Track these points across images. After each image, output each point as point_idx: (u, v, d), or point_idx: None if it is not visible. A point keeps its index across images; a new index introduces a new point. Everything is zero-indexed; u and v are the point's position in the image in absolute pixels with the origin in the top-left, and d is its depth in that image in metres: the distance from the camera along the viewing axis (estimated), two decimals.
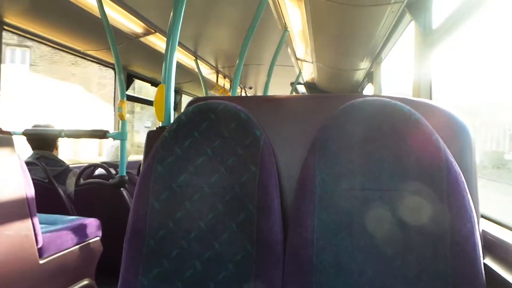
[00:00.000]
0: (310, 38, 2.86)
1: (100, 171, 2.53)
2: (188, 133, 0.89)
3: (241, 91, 5.70)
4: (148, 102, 4.13)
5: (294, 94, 4.78)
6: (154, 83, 4.00)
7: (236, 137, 0.87)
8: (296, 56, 3.70)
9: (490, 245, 0.84)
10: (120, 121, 2.30)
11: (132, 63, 3.44)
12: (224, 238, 0.83)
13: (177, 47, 1.38)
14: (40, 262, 1.43)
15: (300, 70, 4.29)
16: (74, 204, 2.25)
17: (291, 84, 4.74)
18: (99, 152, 10.16)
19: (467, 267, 0.72)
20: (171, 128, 0.90)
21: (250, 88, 5.74)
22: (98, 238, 1.83)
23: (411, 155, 0.77)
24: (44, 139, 2.36)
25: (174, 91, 1.37)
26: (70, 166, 2.42)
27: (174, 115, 1.31)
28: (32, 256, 1.39)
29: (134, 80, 3.69)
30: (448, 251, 0.72)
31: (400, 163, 0.78)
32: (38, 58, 10.98)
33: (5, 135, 1.26)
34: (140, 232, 0.85)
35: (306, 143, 0.86)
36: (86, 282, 1.71)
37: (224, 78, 4.60)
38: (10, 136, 1.28)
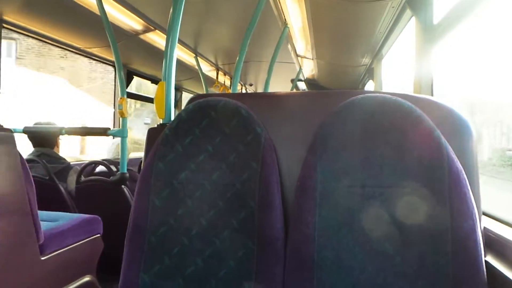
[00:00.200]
0: (310, 35, 2.85)
1: (101, 169, 2.53)
2: (188, 130, 0.89)
3: (241, 88, 5.69)
4: (148, 99, 4.13)
5: (294, 90, 4.77)
6: (154, 81, 3.99)
7: (237, 134, 0.87)
8: (296, 53, 3.69)
9: (492, 242, 0.84)
10: (121, 118, 2.30)
11: (132, 61, 3.43)
12: (225, 235, 0.83)
13: (177, 44, 1.38)
14: (42, 258, 1.43)
15: (300, 67, 4.28)
16: (75, 201, 2.25)
17: (292, 80, 4.73)
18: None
19: (468, 264, 0.72)
20: (172, 125, 0.90)
21: (251, 85, 5.73)
22: (99, 235, 1.83)
23: (412, 152, 0.77)
24: (44, 137, 2.37)
25: (174, 88, 1.36)
26: (71, 164, 2.42)
27: (174, 113, 1.31)
28: (34, 253, 1.39)
29: (134, 77, 3.68)
30: (449, 248, 0.72)
31: (401, 159, 0.77)
32: (24, 51, 10.48)
33: (6, 132, 1.26)
34: (141, 229, 0.86)
35: (307, 140, 0.86)
36: (87, 278, 1.72)
37: (225, 75, 4.59)
38: (11, 134, 1.28)
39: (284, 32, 2.81)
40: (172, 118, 1.08)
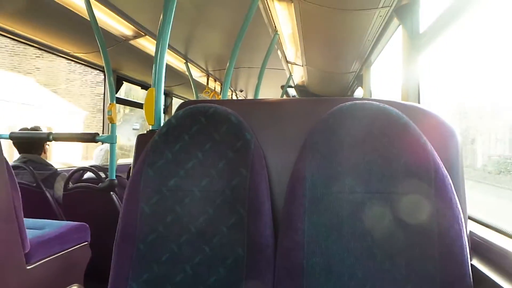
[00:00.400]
0: (300, 42, 2.88)
1: (89, 175, 2.50)
2: (178, 136, 0.89)
3: (231, 94, 5.70)
4: (138, 105, 4.11)
5: (284, 97, 4.79)
6: (144, 86, 3.98)
7: (227, 140, 0.87)
8: (286, 59, 3.72)
9: (477, 246, 0.85)
10: (110, 124, 2.28)
11: (122, 66, 3.42)
12: (215, 242, 0.83)
13: (167, 50, 1.38)
14: (27, 267, 1.40)
15: (290, 73, 4.31)
16: (63, 209, 2.22)
17: (282, 87, 4.76)
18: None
19: (455, 268, 0.73)
20: (161, 132, 0.90)
21: (241, 91, 5.74)
22: (87, 243, 1.81)
23: (400, 158, 0.78)
24: (31, 143, 2.33)
25: (164, 94, 1.36)
26: (58, 170, 2.39)
27: (164, 119, 1.31)
28: (19, 262, 1.36)
29: (123, 83, 3.66)
30: (436, 253, 0.73)
31: (389, 166, 0.79)
32: None
33: None
34: (130, 236, 0.85)
35: (297, 146, 0.86)
36: (75, 287, 1.69)
37: (215, 81, 4.60)
38: None
39: (274, 39, 2.83)
40: (162, 124, 1.07)
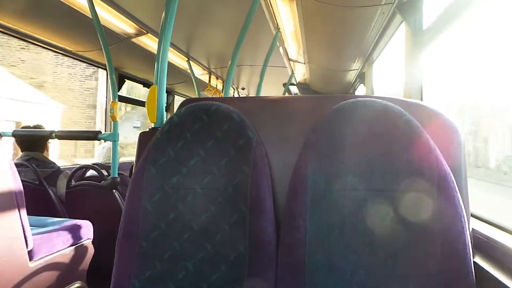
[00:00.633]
0: (302, 39, 2.87)
1: (91, 173, 2.50)
2: (180, 134, 0.89)
3: (233, 92, 5.70)
4: (140, 102, 4.11)
5: (286, 95, 4.79)
6: (146, 84, 3.98)
7: (229, 138, 0.87)
8: (288, 57, 3.71)
9: (480, 243, 0.85)
10: (112, 122, 2.28)
11: (124, 64, 3.42)
12: (217, 239, 0.83)
13: (169, 47, 1.37)
14: (30, 265, 1.41)
15: (292, 71, 4.30)
16: (65, 206, 2.23)
17: (284, 85, 4.75)
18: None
19: (457, 265, 0.73)
20: (164, 129, 0.90)
21: (243, 89, 5.73)
22: (89, 240, 1.81)
23: (402, 155, 0.78)
24: (34, 140, 2.34)
25: (166, 92, 1.36)
26: (61, 168, 2.40)
27: (166, 116, 1.31)
28: (22, 259, 1.37)
29: (125, 81, 3.66)
30: (438, 250, 0.73)
31: (391, 163, 0.78)
32: None
33: None
34: (133, 234, 0.85)
35: (299, 143, 0.86)
36: (77, 285, 1.70)
37: (217, 79, 4.59)
38: None
39: (276, 36, 2.82)
40: (164, 122, 1.07)
